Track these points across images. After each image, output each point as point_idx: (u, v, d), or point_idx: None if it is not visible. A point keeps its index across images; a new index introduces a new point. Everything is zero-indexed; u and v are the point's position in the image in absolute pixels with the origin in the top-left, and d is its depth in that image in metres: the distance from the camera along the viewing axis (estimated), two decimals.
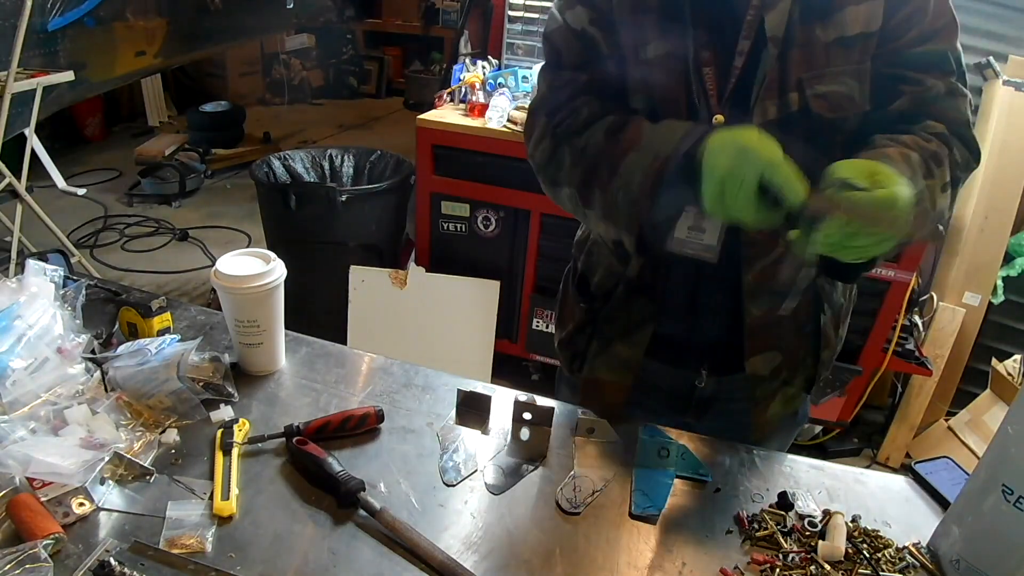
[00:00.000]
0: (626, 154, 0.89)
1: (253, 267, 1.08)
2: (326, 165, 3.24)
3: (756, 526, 0.90)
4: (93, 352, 1.08)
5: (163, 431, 0.99)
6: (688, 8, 0.92)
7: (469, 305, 2.69)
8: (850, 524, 0.91)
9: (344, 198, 2.76)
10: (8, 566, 0.71)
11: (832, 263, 0.83)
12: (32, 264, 1.12)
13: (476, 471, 0.98)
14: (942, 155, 0.90)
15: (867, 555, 0.86)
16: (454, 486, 0.95)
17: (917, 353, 2.51)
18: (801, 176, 0.76)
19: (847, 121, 0.93)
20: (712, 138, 0.81)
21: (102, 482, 0.88)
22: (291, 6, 5.15)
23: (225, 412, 1.04)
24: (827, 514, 0.92)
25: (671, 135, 0.87)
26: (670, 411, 1.17)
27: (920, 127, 0.92)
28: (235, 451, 0.95)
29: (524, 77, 2.76)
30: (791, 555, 0.85)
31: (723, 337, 1.10)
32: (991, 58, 2.54)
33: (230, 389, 1.08)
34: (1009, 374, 2.48)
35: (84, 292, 1.17)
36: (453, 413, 1.09)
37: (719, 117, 0.93)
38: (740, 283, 1.03)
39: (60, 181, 3.84)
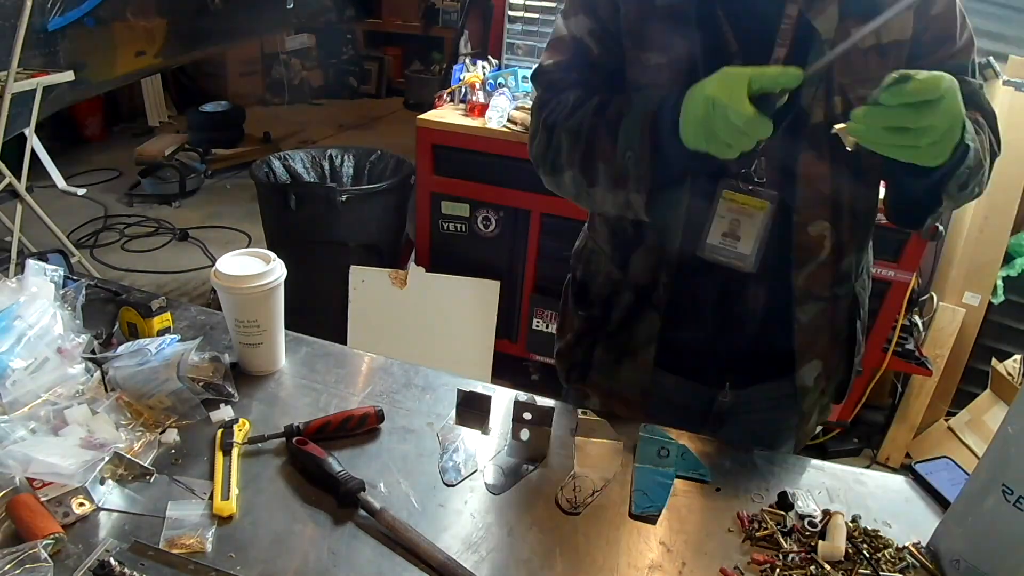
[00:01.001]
0: (620, 121, 0.90)
1: (253, 267, 1.08)
2: (326, 165, 3.24)
3: (756, 526, 0.90)
4: (93, 352, 1.08)
5: (163, 431, 0.99)
6: (723, 18, 0.92)
7: (469, 305, 2.69)
8: (850, 524, 0.91)
9: (344, 198, 2.76)
10: (8, 566, 0.71)
11: (903, 207, 0.88)
12: (32, 264, 1.12)
13: (476, 471, 0.98)
14: (982, 124, 0.95)
15: (867, 555, 0.86)
16: (454, 486, 0.95)
17: (917, 353, 2.51)
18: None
19: None
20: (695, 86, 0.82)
21: (102, 482, 0.88)
22: (291, 6, 5.15)
23: (225, 412, 1.04)
24: (827, 514, 0.92)
25: (657, 95, 0.88)
26: (683, 427, 1.12)
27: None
28: (235, 451, 0.95)
29: (524, 77, 2.77)
30: (791, 555, 0.85)
31: (751, 348, 1.09)
32: (991, 58, 2.54)
33: (230, 389, 1.08)
34: (1009, 374, 2.48)
35: (84, 292, 1.17)
36: (453, 413, 1.09)
37: None
38: (781, 290, 1.03)
39: (60, 181, 3.85)
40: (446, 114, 2.65)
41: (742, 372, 1.12)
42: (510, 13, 3.21)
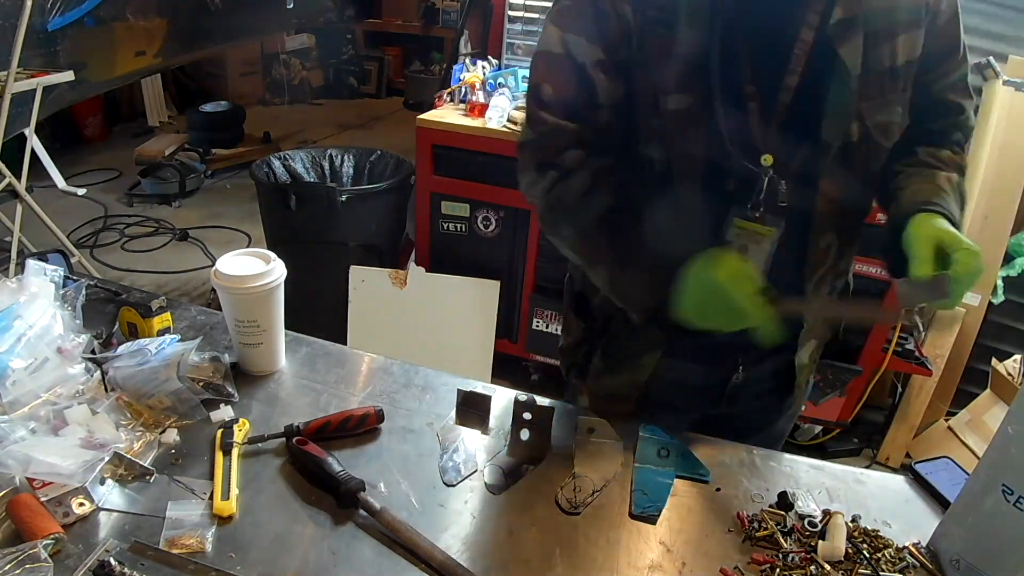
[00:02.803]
0: (624, 270, 0.96)
1: (253, 267, 1.08)
2: (326, 165, 3.23)
3: (756, 526, 0.90)
4: (93, 352, 1.08)
5: (163, 431, 0.99)
6: (739, 44, 0.90)
7: (469, 305, 2.69)
8: (850, 524, 0.91)
9: (344, 198, 2.75)
10: (8, 566, 0.71)
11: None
12: (32, 264, 1.12)
13: (476, 471, 0.98)
14: (964, 166, 1.01)
15: (867, 555, 0.86)
16: (454, 486, 0.95)
17: (917, 353, 2.50)
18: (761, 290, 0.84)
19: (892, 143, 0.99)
20: (690, 273, 0.87)
21: (102, 482, 0.88)
22: (291, 6, 5.15)
23: (225, 412, 1.04)
24: (827, 514, 0.92)
25: (662, 258, 0.91)
26: (701, 405, 1.18)
27: (953, 140, 1.03)
28: (235, 451, 0.95)
29: (524, 77, 2.76)
30: (791, 555, 0.85)
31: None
32: (991, 58, 2.54)
33: (230, 389, 1.08)
34: (1009, 374, 2.48)
35: (84, 292, 1.17)
36: (453, 413, 1.09)
37: (768, 157, 0.93)
38: (792, 294, 1.03)
39: (60, 181, 3.84)
40: (446, 114, 2.65)
41: (753, 357, 1.13)
42: (510, 13, 3.21)
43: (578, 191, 0.97)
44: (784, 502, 0.94)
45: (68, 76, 2.93)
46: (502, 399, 1.10)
